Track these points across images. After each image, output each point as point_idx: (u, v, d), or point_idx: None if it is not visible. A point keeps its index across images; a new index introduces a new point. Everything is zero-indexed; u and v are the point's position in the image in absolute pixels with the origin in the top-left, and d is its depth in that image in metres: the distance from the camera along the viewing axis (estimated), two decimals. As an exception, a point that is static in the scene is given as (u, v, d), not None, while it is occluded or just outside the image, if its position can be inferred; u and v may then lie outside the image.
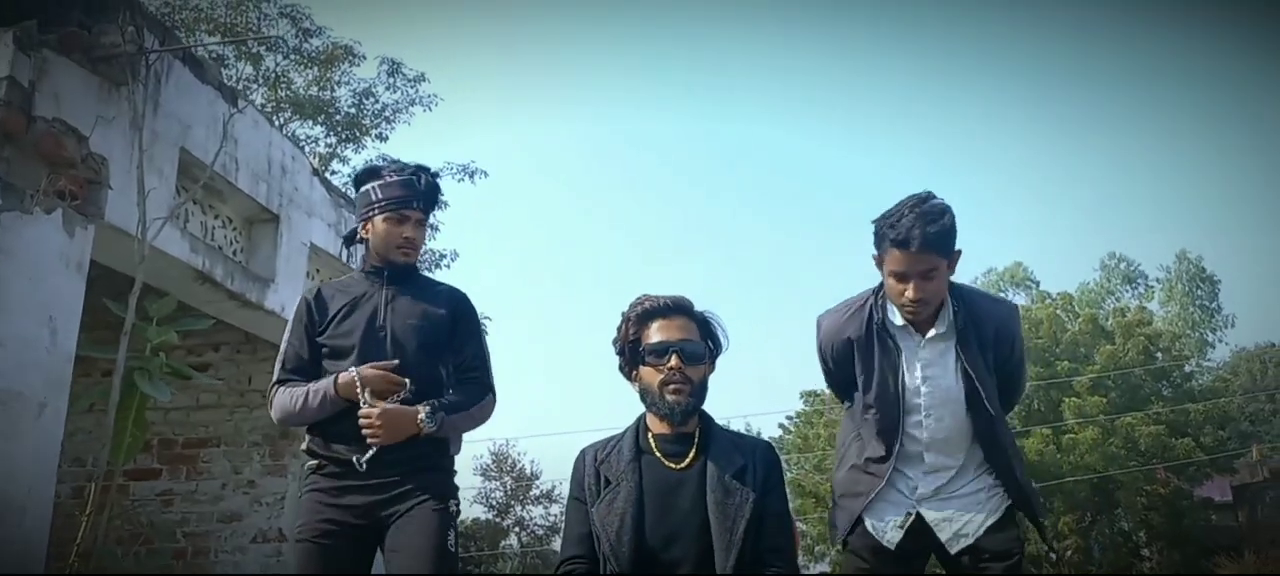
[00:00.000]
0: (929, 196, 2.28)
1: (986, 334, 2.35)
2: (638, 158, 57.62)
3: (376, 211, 2.46)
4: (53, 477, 3.40)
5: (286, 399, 2.39)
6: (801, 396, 23.01)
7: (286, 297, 5.04)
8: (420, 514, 2.28)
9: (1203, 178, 50.49)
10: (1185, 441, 19.06)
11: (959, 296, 2.37)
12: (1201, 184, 50.59)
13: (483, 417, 2.51)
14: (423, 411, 2.30)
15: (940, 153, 53.09)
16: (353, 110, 15.82)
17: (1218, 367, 29.28)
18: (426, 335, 2.43)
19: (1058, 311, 21.74)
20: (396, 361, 2.36)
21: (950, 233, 2.25)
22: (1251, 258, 48.05)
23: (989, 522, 2.34)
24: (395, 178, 2.48)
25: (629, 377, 2.26)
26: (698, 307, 2.28)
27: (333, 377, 2.34)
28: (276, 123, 12.14)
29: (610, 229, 58.08)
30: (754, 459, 2.18)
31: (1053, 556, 19.71)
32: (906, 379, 2.37)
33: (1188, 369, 23.09)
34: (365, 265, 2.53)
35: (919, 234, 2.20)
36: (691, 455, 2.17)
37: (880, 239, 2.29)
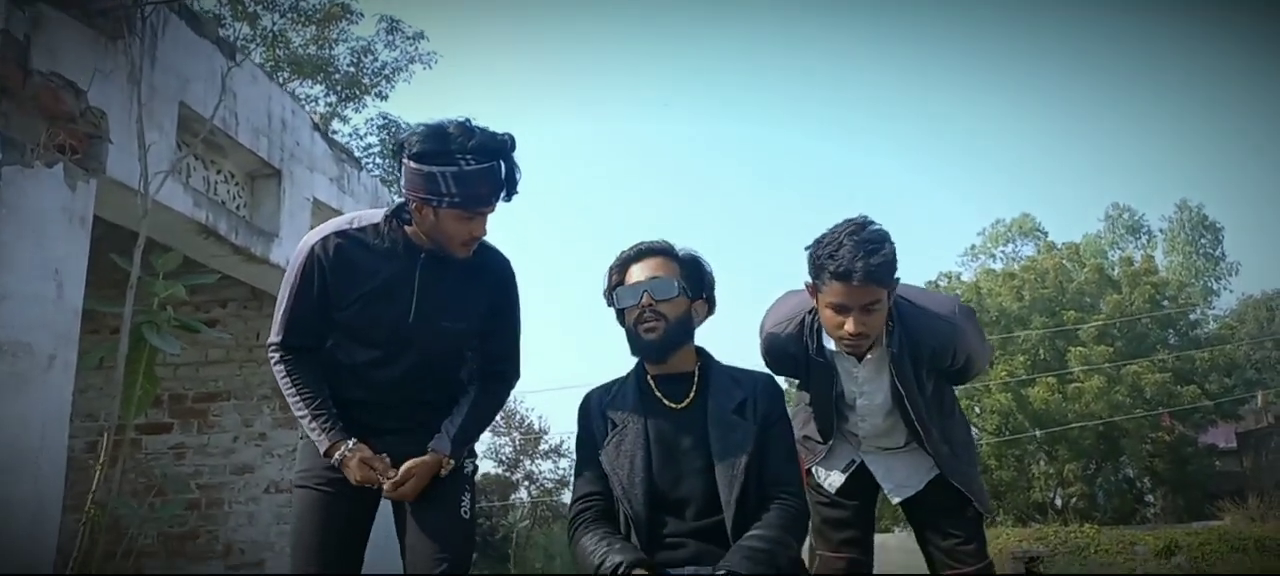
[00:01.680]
0: (866, 223, 2.17)
1: (923, 353, 2.31)
2: (644, 115, 57.24)
3: (444, 204, 2.03)
4: (65, 429, 3.44)
5: (287, 390, 2.18)
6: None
7: (291, 252, 5.04)
8: (435, 482, 2.16)
9: (1207, 127, 49.98)
10: (1191, 388, 19.13)
11: (898, 316, 2.30)
12: (1206, 133, 50.12)
13: (499, 411, 2.36)
14: (448, 461, 2.16)
15: (946, 105, 52.61)
16: (352, 69, 15.71)
17: (1224, 315, 29.26)
18: (459, 339, 2.22)
19: (1063, 261, 21.68)
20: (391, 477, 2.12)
21: (892, 262, 2.14)
22: (1258, 205, 47.76)
23: (932, 475, 2.42)
24: (474, 167, 1.99)
25: (622, 325, 2.27)
26: (681, 247, 2.26)
27: (329, 448, 2.12)
28: (276, 81, 12.07)
29: (614, 185, 57.92)
30: (754, 392, 2.18)
31: (1057, 503, 19.91)
32: (842, 390, 2.41)
33: (1193, 317, 23.09)
34: (399, 229, 2.14)
35: (862, 266, 2.08)
36: (692, 394, 2.18)
37: (818, 270, 2.16)
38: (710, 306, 2.28)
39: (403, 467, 2.14)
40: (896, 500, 2.47)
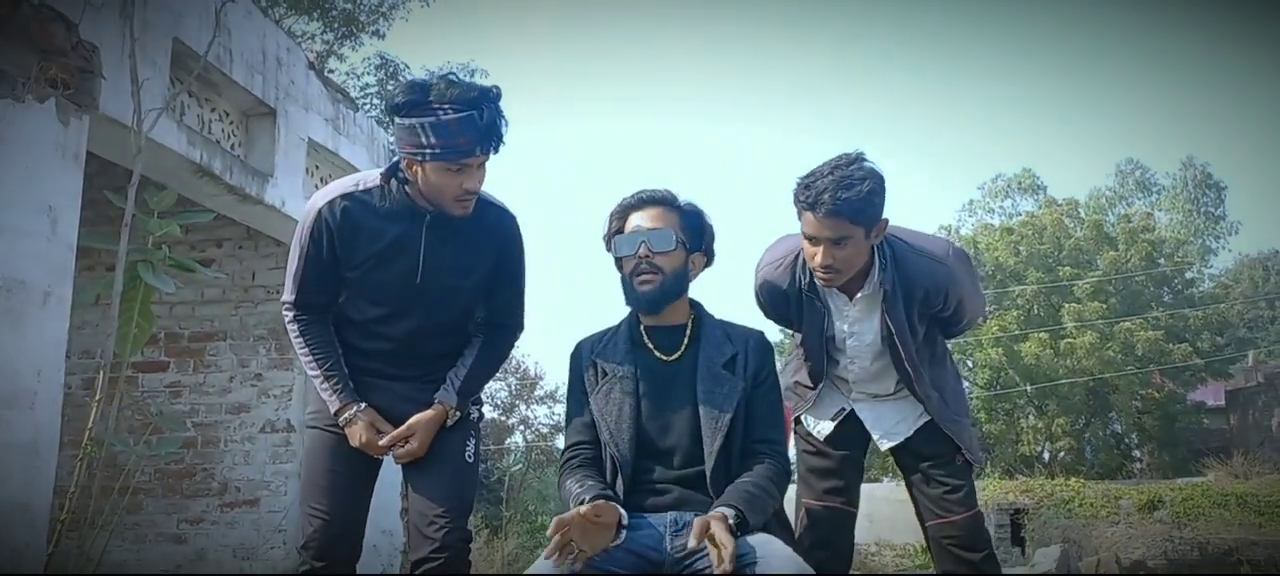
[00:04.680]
0: (856, 159, 2.17)
1: (916, 294, 2.32)
2: (650, 61, 56.58)
3: (427, 157, 2.05)
4: (61, 365, 3.46)
5: (299, 349, 2.25)
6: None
7: (286, 192, 5.04)
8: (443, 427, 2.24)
9: (1218, 85, 49.55)
10: (1182, 347, 19.25)
11: (891, 256, 2.31)
12: (1217, 91, 49.69)
13: (503, 362, 2.42)
14: (452, 410, 2.23)
15: (952, 57, 52.04)
16: (349, 5, 15.45)
17: (1219, 275, 29.32)
18: (468, 297, 2.27)
19: (1063, 217, 21.65)
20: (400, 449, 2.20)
21: (866, 202, 2.12)
22: (1264, 164, 47.61)
23: (921, 422, 2.43)
24: (452, 116, 2.00)
25: (619, 271, 2.28)
26: (684, 199, 2.25)
27: (339, 409, 2.19)
28: (272, 17, 11.86)
29: (617, 133, 57.51)
30: (746, 348, 2.19)
31: (1046, 457, 20.17)
32: (833, 331, 2.42)
33: (1189, 275, 23.15)
34: (401, 190, 2.15)
35: (829, 199, 2.09)
36: (683, 347, 2.20)
37: (795, 197, 2.18)
38: (708, 259, 2.28)
39: (407, 424, 2.20)
40: (886, 446, 2.48)
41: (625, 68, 57.51)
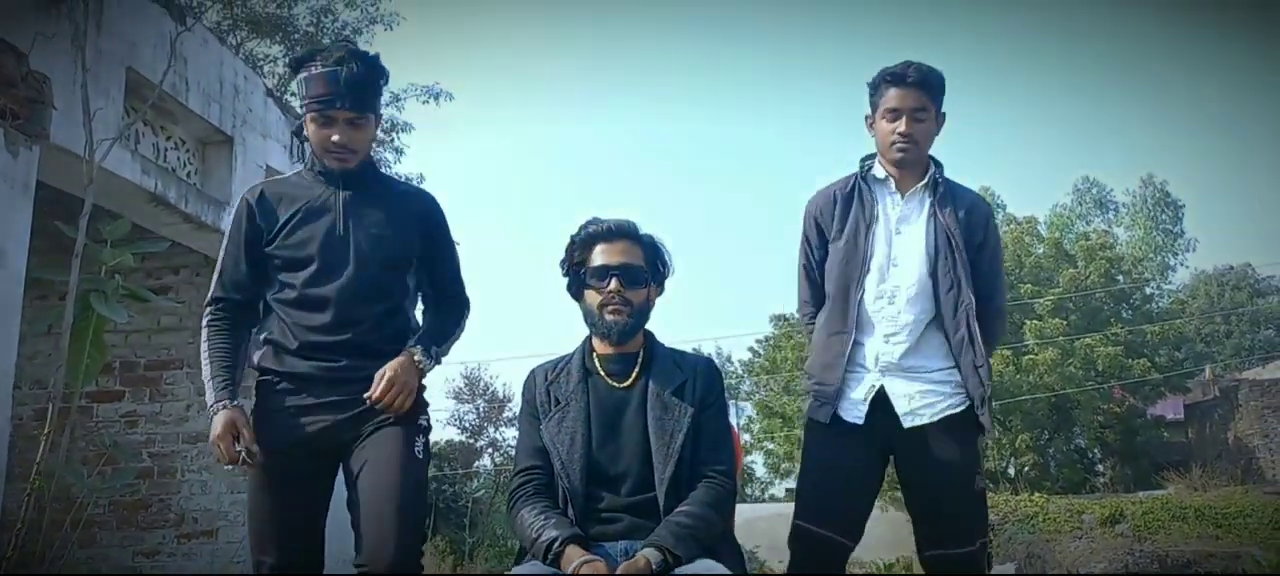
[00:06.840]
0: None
1: (960, 210, 2.48)
2: (615, 79, 56.83)
3: (304, 109, 2.20)
4: (8, 399, 3.41)
5: (203, 346, 2.25)
6: (770, 320, 23.43)
7: (244, 220, 5.01)
8: (386, 430, 2.17)
9: (1176, 103, 50.82)
10: (1141, 361, 19.60)
11: (940, 170, 2.53)
12: (1175, 110, 50.96)
13: (461, 334, 2.44)
14: (418, 353, 2.20)
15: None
16: (312, 28, 15.39)
17: (1177, 290, 29.94)
18: (393, 248, 2.25)
19: (1023, 235, 22.02)
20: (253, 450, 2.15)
21: (941, 81, 2.47)
22: (1219, 182, 48.83)
23: (948, 411, 2.38)
24: (318, 70, 2.14)
25: (576, 299, 2.31)
26: (644, 231, 2.30)
27: (213, 402, 2.16)
28: (232, 42, 11.81)
29: (584, 154, 57.60)
30: (694, 375, 2.24)
31: (1011, 472, 20.39)
32: (879, 228, 2.48)
33: (1148, 291, 23.62)
34: (313, 165, 2.27)
35: (914, 72, 2.42)
36: (635, 375, 2.23)
37: (876, 86, 2.48)
38: (660, 290, 2.35)
39: (377, 378, 2.13)
40: (909, 424, 2.39)
41: (596, 82, 57.75)
